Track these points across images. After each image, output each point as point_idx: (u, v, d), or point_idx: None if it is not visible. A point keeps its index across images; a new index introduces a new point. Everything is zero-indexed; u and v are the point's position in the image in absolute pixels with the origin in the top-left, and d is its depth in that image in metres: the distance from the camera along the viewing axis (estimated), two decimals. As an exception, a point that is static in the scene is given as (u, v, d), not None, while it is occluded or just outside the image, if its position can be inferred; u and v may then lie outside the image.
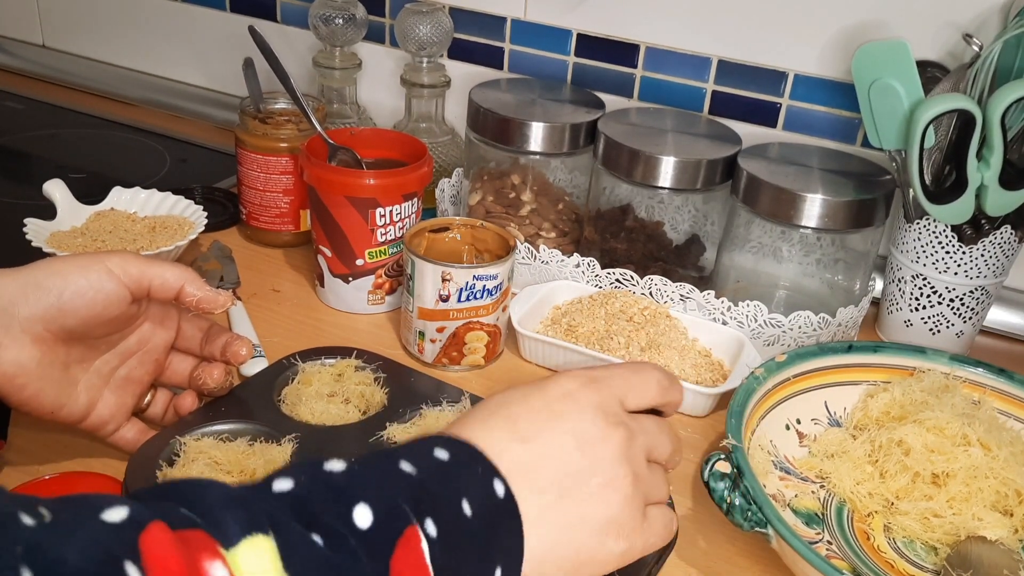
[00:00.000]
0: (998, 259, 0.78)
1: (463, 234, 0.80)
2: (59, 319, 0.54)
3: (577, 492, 0.44)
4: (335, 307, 0.84)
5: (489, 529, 0.40)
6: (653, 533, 0.47)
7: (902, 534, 0.63)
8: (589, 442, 0.44)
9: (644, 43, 0.95)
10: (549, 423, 0.45)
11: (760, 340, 0.79)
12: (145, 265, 0.57)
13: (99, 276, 0.55)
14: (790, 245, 0.81)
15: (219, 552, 0.33)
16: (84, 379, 0.58)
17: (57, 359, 0.56)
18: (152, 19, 1.24)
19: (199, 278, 0.59)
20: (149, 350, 0.61)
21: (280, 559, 0.34)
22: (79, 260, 0.56)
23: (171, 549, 0.31)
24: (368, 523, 0.37)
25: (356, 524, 0.37)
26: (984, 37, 0.78)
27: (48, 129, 1.18)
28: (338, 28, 0.99)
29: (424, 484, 0.40)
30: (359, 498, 0.37)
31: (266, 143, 0.88)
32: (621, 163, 0.82)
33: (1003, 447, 0.63)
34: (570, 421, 0.45)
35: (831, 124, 0.90)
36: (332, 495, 0.37)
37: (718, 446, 0.70)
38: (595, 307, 0.80)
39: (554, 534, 0.43)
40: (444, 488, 0.40)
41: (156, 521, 0.32)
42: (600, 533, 0.44)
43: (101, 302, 0.55)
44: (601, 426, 0.45)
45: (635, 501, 0.46)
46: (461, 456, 0.42)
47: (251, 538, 0.33)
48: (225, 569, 0.32)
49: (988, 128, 0.71)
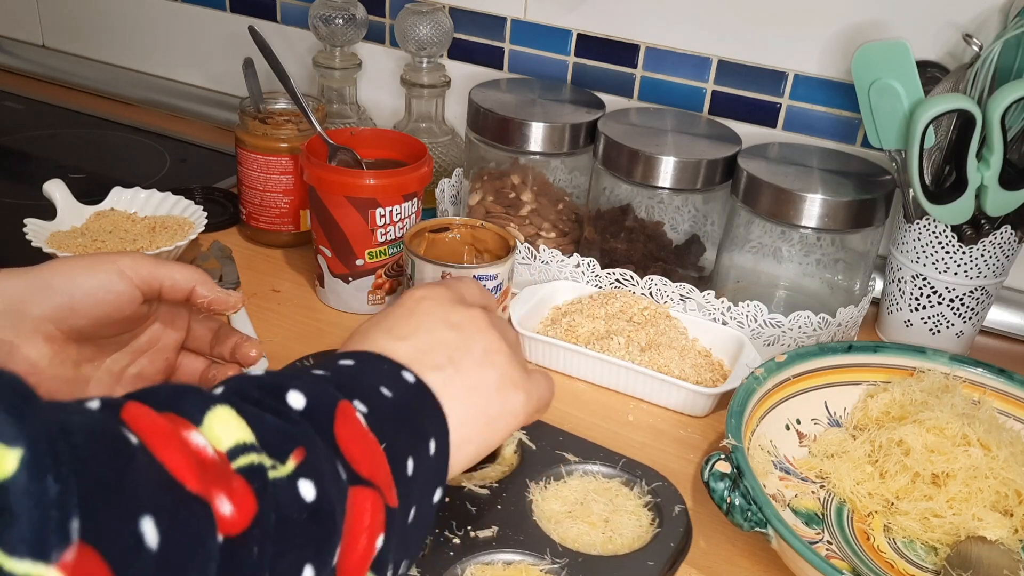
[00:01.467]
0: (998, 259, 0.78)
1: (463, 234, 0.80)
2: (70, 319, 0.54)
3: (467, 361, 0.49)
4: (335, 307, 0.84)
5: (411, 408, 0.45)
6: (541, 384, 0.53)
7: (902, 534, 0.63)
8: (458, 323, 0.51)
9: (644, 43, 0.95)
10: (419, 320, 0.50)
11: (760, 340, 0.79)
12: (156, 266, 0.57)
13: (110, 276, 0.55)
14: (790, 245, 0.81)
15: (192, 426, 0.35)
16: (95, 377, 0.58)
17: (68, 358, 0.56)
18: (152, 19, 1.24)
19: (210, 279, 0.60)
20: (159, 349, 0.62)
21: (246, 423, 0.36)
22: (90, 260, 0.56)
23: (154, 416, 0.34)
24: (302, 404, 0.40)
25: (292, 405, 0.40)
26: (984, 37, 0.78)
27: (48, 129, 1.18)
28: (338, 28, 0.99)
29: (341, 379, 0.43)
30: (288, 387, 0.40)
31: (266, 143, 0.88)
32: (621, 163, 0.82)
33: (1003, 447, 0.63)
34: (436, 313, 0.51)
35: (831, 124, 0.90)
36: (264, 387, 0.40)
37: (718, 446, 0.70)
38: (595, 307, 0.80)
39: (462, 401, 0.47)
40: (358, 380, 0.44)
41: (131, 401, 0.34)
42: (499, 389, 0.50)
43: (112, 302, 0.55)
44: (461, 310, 0.52)
45: (515, 358, 0.51)
46: (365, 358, 0.46)
47: (212, 411, 0.36)
48: (202, 436, 0.35)
49: (988, 128, 0.71)
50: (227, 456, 0.35)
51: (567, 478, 0.63)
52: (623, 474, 0.64)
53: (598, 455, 0.65)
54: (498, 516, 0.58)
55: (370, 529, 0.39)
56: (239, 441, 0.35)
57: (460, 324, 0.50)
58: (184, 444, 0.33)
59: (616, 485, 0.63)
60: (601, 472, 0.64)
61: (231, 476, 0.34)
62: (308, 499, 0.36)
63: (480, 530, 0.57)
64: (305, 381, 0.41)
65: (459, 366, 0.48)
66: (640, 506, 0.61)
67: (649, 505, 0.61)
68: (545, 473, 0.63)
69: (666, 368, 0.74)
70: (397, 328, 0.49)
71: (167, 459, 0.32)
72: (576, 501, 0.61)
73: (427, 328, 0.50)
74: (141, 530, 0.29)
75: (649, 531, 0.59)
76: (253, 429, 0.36)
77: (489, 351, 0.50)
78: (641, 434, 0.71)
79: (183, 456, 0.33)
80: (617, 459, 0.64)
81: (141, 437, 0.32)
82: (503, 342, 0.51)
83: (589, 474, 0.64)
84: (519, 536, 0.57)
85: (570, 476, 0.63)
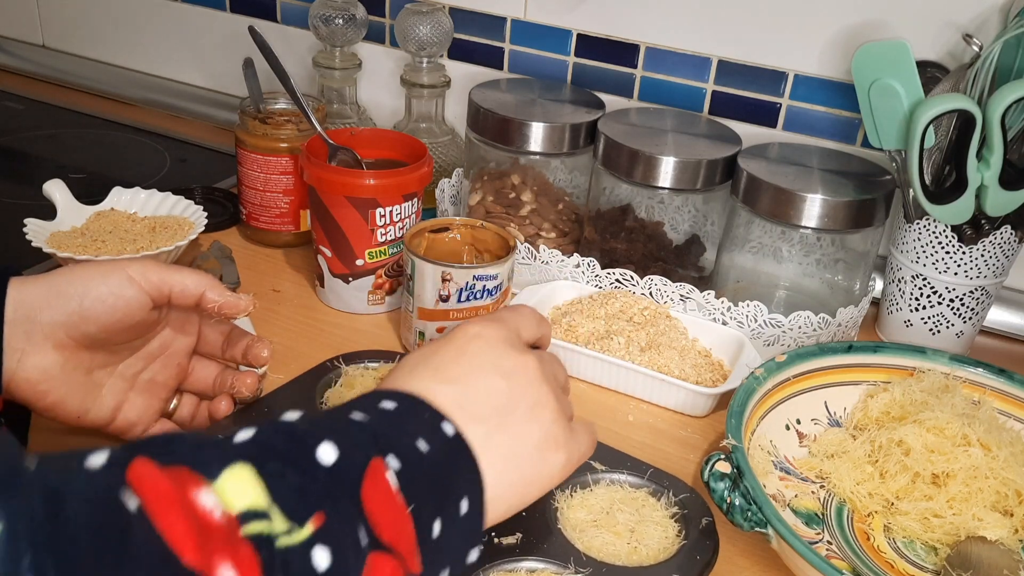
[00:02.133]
0: (998, 259, 0.78)
1: (463, 234, 0.80)
2: (81, 325, 0.54)
3: (511, 417, 0.47)
4: (335, 307, 0.84)
5: (447, 465, 0.43)
6: (583, 442, 0.51)
7: (902, 534, 0.63)
8: (509, 371, 0.48)
9: (644, 43, 0.95)
10: (469, 362, 0.48)
11: (760, 340, 0.79)
12: (165, 272, 0.57)
13: (120, 283, 0.55)
14: (790, 245, 0.81)
15: (204, 482, 0.33)
16: (108, 383, 0.59)
17: (80, 364, 0.56)
18: (152, 19, 1.24)
19: (219, 284, 0.60)
20: (171, 354, 0.62)
21: (263, 485, 0.35)
22: (100, 267, 0.56)
23: (160, 477, 0.32)
24: (333, 459, 0.38)
25: (321, 461, 0.38)
26: (984, 37, 0.78)
27: (48, 129, 1.18)
28: (338, 28, 0.99)
29: (378, 429, 0.42)
30: (321, 438, 0.39)
31: (266, 143, 0.88)
32: (621, 163, 0.82)
33: (1003, 447, 0.63)
34: (487, 356, 0.48)
35: (831, 124, 0.90)
36: (295, 438, 0.39)
37: (718, 446, 0.70)
38: (595, 307, 0.80)
39: (501, 459, 0.45)
40: (398, 431, 0.42)
41: (139, 456, 0.33)
42: (540, 449, 0.47)
43: (122, 308, 0.55)
44: (514, 356, 0.49)
45: (561, 415, 0.49)
46: (406, 404, 0.44)
47: (231, 468, 0.34)
48: (213, 496, 0.33)
49: (988, 128, 0.71)
50: (237, 520, 0.33)
51: (593, 487, 0.62)
52: (650, 484, 0.63)
53: (625, 464, 0.65)
54: (522, 523, 0.58)
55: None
56: (252, 506, 0.34)
57: (511, 372, 0.48)
58: (189, 508, 0.32)
59: (643, 495, 0.63)
60: (628, 482, 0.63)
61: (238, 542, 0.33)
62: (321, 568, 0.35)
63: (504, 536, 0.57)
64: (341, 431, 0.40)
65: (503, 420, 0.46)
66: (667, 517, 0.61)
67: (676, 517, 0.61)
68: (571, 481, 0.62)
69: (666, 368, 0.74)
70: (445, 369, 0.47)
71: (166, 528, 0.31)
72: (602, 510, 0.60)
73: (476, 373, 0.47)
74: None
75: (675, 543, 0.59)
76: (271, 492, 0.35)
77: (536, 406, 0.48)
78: (641, 434, 0.71)
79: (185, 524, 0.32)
80: (645, 469, 0.64)
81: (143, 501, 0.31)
82: (551, 396, 0.49)
83: (616, 483, 0.63)
84: (543, 544, 0.57)
85: (596, 485, 0.63)
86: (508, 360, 0.48)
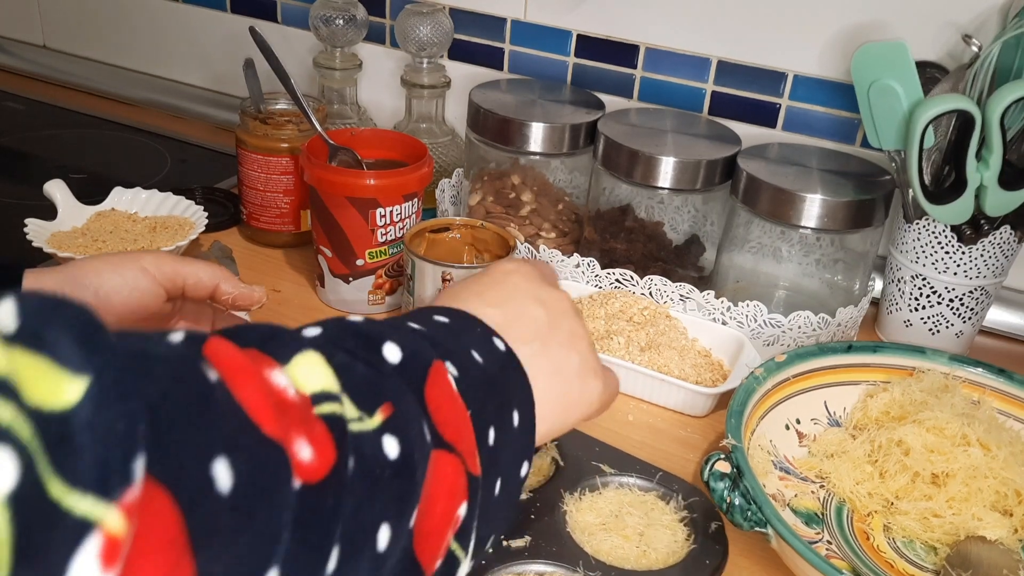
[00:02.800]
0: (997, 259, 0.78)
1: (463, 234, 0.80)
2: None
3: (553, 340, 0.48)
4: (336, 307, 0.84)
5: (500, 376, 0.44)
6: (612, 378, 0.53)
7: (902, 534, 0.63)
8: (547, 301, 0.50)
9: (644, 44, 0.95)
10: (510, 291, 0.50)
11: (760, 340, 0.79)
12: (179, 264, 0.58)
13: (134, 274, 0.56)
14: (790, 245, 0.81)
15: (276, 364, 0.34)
16: None
17: None
18: (152, 20, 1.24)
19: (233, 276, 0.60)
20: None
21: (333, 372, 0.35)
22: (115, 258, 0.57)
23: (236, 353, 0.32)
24: (398, 357, 0.39)
25: (387, 358, 0.39)
26: (983, 38, 0.78)
27: (48, 129, 1.19)
28: (338, 29, 0.99)
29: (435, 337, 0.43)
30: (386, 338, 0.40)
31: (267, 143, 0.88)
32: (621, 163, 0.82)
33: (1003, 447, 0.63)
34: (525, 288, 0.50)
35: (830, 124, 0.90)
36: (361, 336, 0.39)
37: (718, 446, 0.70)
38: (595, 307, 0.80)
39: (545, 378, 0.47)
40: (453, 341, 0.43)
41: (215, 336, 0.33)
42: (580, 374, 0.49)
43: (136, 299, 0.56)
44: (549, 289, 0.51)
45: (593, 347, 0.51)
46: (459, 318, 0.46)
47: (302, 354, 0.35)
48: (286, 377, 0.34)
49: (987, 128, 0.72)
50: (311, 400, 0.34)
51: (602, 490, 0.63)
52: (659, 487, 0.63)
53: (634, 467, 0.65)
54: (531, 526, 0.58)
55: (450, 494, 0.38)
56: (324, 388, 0.34)
57: (548, 303, 0.50)
58: (264, 383, 0.32)
59: (652, 499, 0.63)
60: (637, 485, 0.63)
61: (313, 421, 0.33)
62: (392, 456, 0.35)
63: (513, 539, 0.57)
64: (403, 334, 0.41)
65: (546, 343, 0.48)
66: (675, 521, 0.61)
67: (685, 520, 0.61)
68: (580, 484, 0.62)
69: (666, 368, 0.74)
70: (488, 294, 0.49)
71: (245, 398, 0.31)
72: (611, 513, 0.60)
73: (517, 300, 0.49)
74: (213, 472, 0.28)
75: (684, 547, 0.59)
76: (341, 379, 0.35)
77: (574, 335, 0.50)
78: (641, 434, 0.71)
79: (262, 396, 0.32)
80: (653, 472, 0.64)
81: (221, 373, 0.31)
82: (585, 328, 0.51)
83: (625, 486, 0.63)
84: (552, 547, 0.57)
85: (605, 488, 0.63)
86: (544, 291, 0.51)
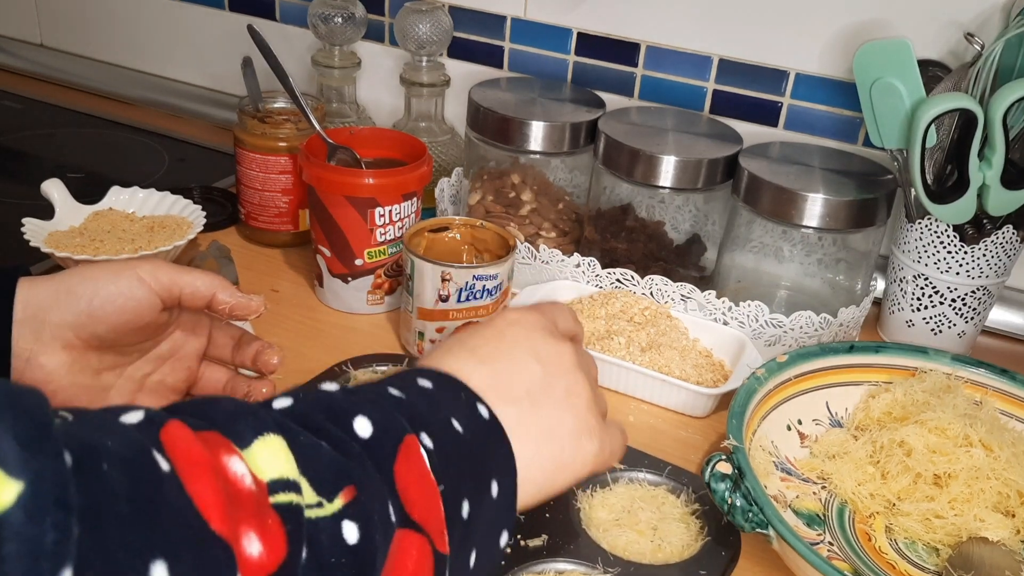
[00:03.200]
0: (1000, 259, 0.78)
1: (463, 234, 0.79)
2: (89, 326, 0.54)
3: (546, 399, 0.47)
4: (334, 307, 0.84)
5: (480, 446, 0.43)
6: (614, 438, 0.51)
7: (904, 535, 0.62)
8: (545, 356, 0.48)
9: (645, 42, 0.95)
10: (506, 345, 0.48)
11: (761, 340, 0.78)
12: (176, 273, 0.57)
13: (129, 283, 0.55)
14: (791, 245, 0.81)
15: (235, 450, 0.34)
16: (117, 385, 0.58)
17: (88, 366, 0.56)
18: (150, 18, 1.24)
19: (230, 285, 0.59)
20: (181, 357, 0.61)
21: (293, 457, 0.35)
22: (110, 267, 0.56)
23: (192, 441, 0.32)
24: (368, 433, 0.38)
25: (357, 433, 0.38)
26: (986, 36, 0.78)
27: (46, 128, 1.18)
28: (337, 27, 0.99)
29: (415, 406, 0.42)
30: (358, 411, 0.39)
31: (265, 142, 0.88)
32: (621, 162, 0.82)
33: (1005, 448, 0.63)
34: (524, 341, 0.49)
35: (832, 123, 0.90)
36: (332, 409, 0.39)
37: (719, 447, 0.70)
38: (595, 307, 0.79)
39: (534, 441, 0.45)
40: (433, 409, 0.42)
41: (173, 419, 0.33)
42: (574, 435, 0.47)
43: (132, 309, 0.55)
44: (551, 342, 0.49)
45: (595, 405, 0.49)
46: (443, 383, 0.44)
47: (263, 438, 0.35)
48: (243, 464, 0.33)
49: (990, 127, 0.71)
50: (267, 489, 0.33)
51: (613, 485, 0.63)
52: (669, 481, 0.64)
53: (643, 462, 0.65)
54: (547, 524, 0.58)
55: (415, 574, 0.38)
56: (282, 475, 0.34)
57: (547, 358, 0.48)
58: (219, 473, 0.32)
59: (662, 492, 0.63)
60: (647, 479, 0.64)
61: (266, 512, 0.33)
62: (351, 541, 0.35)
63: (530, 539, 0.57)
64: (377, 406, 0.40)
65: (537, 403, 0.46)
66: (688, 514, 0.61)
67: (696, 513, 0.61)
68: (591, 479, 0.62)
69: (667, 368, 0.74)
70: (482, 349, 0.48)
71: (196, 492, 0.31)
72: (623, 509, 0.61)
73: (513, 356, 0.48)
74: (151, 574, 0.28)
75: (698, 539, 0.59)
76: (301, 464, 0.35)
77: (571, 393, 0.48)
78: (642, 434, 0.71)
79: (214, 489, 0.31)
80: (663, 466, 0.64)
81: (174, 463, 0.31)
82: (586, 385, 0.49)
83: (635, 481, 0.64)
84: (570, 545, 0.57)
85: (616, 483, 0.63)
86: (545, 346, 0.49)
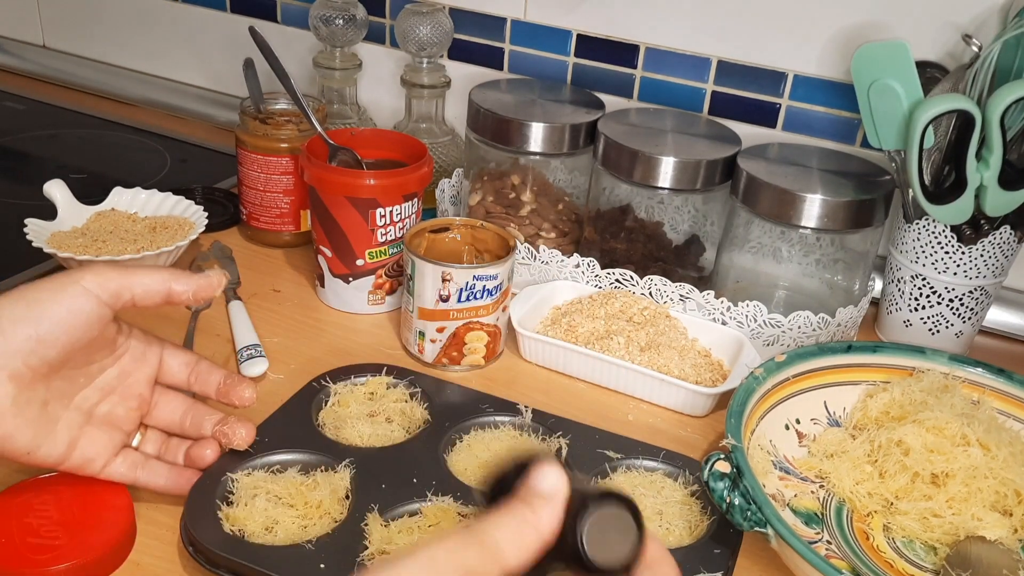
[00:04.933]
0: (997, 259, 0.78)
1: (463, 234, 0.80)
2: (38, 350, 0.52)
3: None
4: (335, 307, 0.84)
5: None
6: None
7: (901, 534, 0.63)
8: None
9: (644, 44, 0.95)
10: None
11: (760, 340, 0.79)
12: (124, 276, 0.54)
13: (75, 300, 0.53)
14: (790, 245, 0.81)
15: None
16: (64, 417, 0.55)
17: (35, 397, 0.53)
18: (152, 19, 1.24)
19: (183, 273, 0.57)
20: (130, 384, 0.59)
21: None
22: (52, 284, 0.53)
23: None
24: None
25: None
26: (983, 37, 0.78)
27: (48, 129, 1.18)
28: (338, 29, 0.99)
29: None
30: None
31: (266, 143, 0.88)
32: (621, 163, 0.82)
33: (1002, 447, 0.63)
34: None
35: (830, 124, 0.90)
36: None
37: (718, 446, 0.70)
38: (595, 307, 0.80)
39: None
40: None
41: None
42: None
43: (82, 324, 0.53)
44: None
45: None
46: None
47: None
48: None
49: (987, 128, 0.72)
50: None
51: (612, 475, 0.64)
52: (665, 466, 0.65)
53: (637, 449, 0.66)
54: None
55: None
56: None
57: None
58: None
59: (660, 477, 0.64)
60: (644, 466, 0.65)
61: None
62: None
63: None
64: None
65: None
66: (688, 496, 0.62)
67: (696, 494, 0.62)
68: (591, 472, 0.63)
69: (666, 368, 0.74)
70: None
71: None
72: None
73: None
74: None
75: (703, 519, 0.60)
76: None
77: None
78: (641, 434, 0.71)
79: None
80: (658, 451, 0.66)
81: None
82: None
83: (633, 469, 0.65)
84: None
85: (615, 473, 0.64)
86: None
